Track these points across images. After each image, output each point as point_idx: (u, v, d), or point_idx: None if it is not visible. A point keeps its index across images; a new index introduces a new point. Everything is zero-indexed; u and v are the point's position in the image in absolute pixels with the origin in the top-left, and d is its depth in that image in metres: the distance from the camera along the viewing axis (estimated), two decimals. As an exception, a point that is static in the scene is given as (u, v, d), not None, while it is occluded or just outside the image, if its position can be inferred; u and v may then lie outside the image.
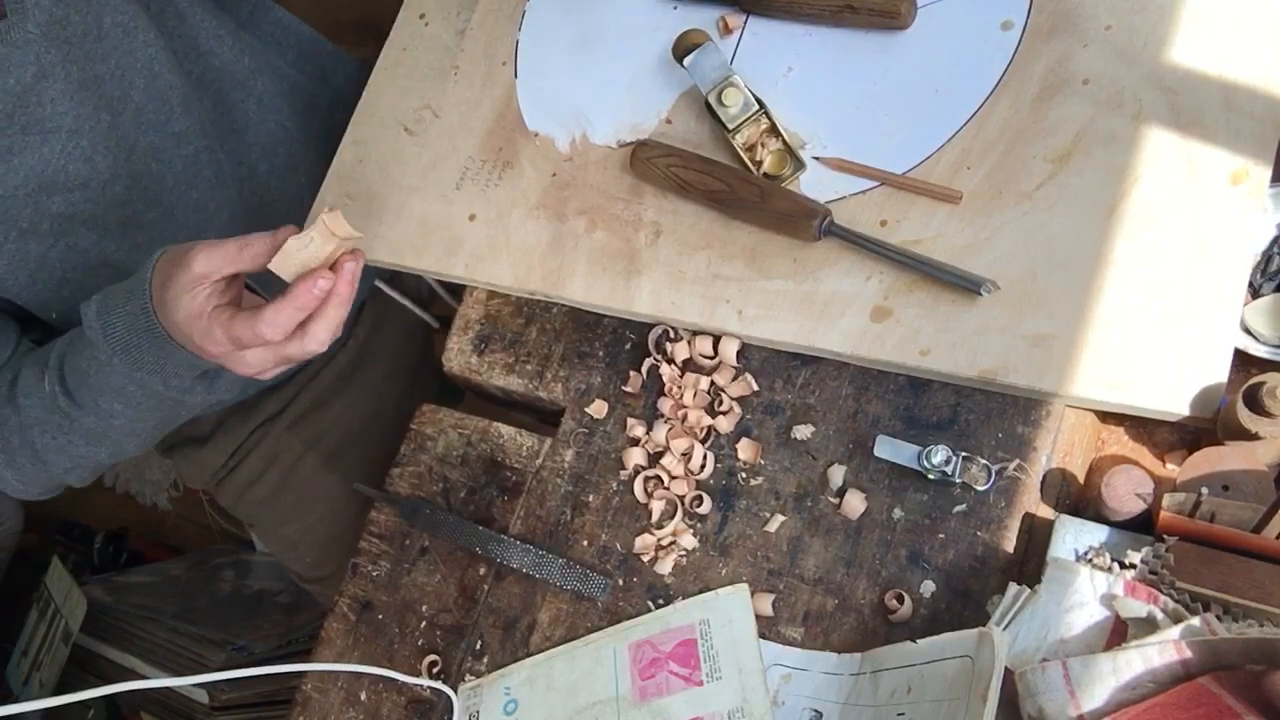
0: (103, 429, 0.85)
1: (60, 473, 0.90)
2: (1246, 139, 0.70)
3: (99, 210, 0.89)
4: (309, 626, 1.77)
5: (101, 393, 0.82)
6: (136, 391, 0.82)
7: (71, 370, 0.83)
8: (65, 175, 0.85)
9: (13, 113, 0.79)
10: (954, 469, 0.71)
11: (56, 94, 0.82)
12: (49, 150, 0.83)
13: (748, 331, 0.81)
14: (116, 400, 0.83)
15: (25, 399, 0.86)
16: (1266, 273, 0.71)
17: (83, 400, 0.84)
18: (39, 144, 0.82)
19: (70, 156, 0.84)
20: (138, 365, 0.79)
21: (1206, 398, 0.66)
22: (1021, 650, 0.63)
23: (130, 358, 0.79)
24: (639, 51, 0.92)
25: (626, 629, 0.80)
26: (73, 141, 0.84)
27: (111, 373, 0.80)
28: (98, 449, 0.88)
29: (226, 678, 0.77)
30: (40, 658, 1.85)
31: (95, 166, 0.86)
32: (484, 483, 0.90)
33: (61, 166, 0.84)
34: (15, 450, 0.88)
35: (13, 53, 0.78)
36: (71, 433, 0.86)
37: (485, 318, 0.94)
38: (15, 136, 0.81)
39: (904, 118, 0.81)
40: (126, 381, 0.81)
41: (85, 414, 0.84)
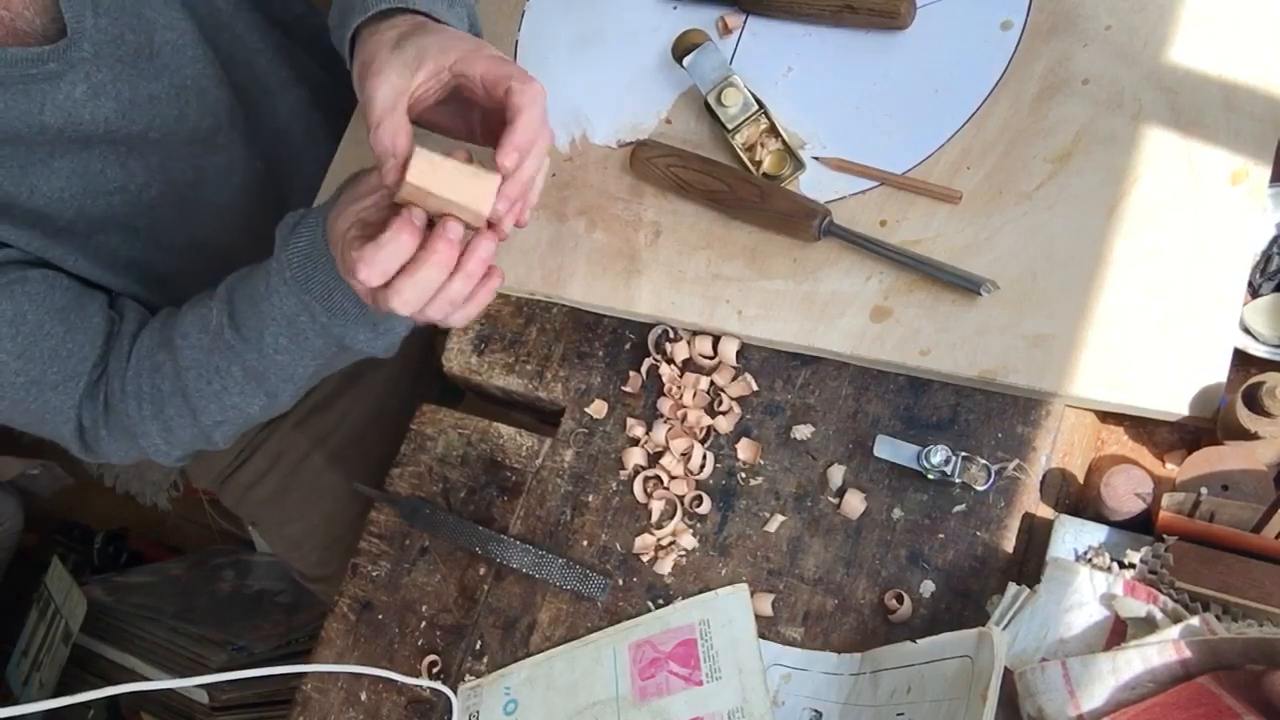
0: (263, 368, 0.81)
1: (209, 425, 0.86)
2: (1246, 139, 0.70)
3: (133, 213, 0.90)
4: (309, 626, 1.77)
5: (270, 322, 0.79)
6: (307, 322, 0.78)
7: (243, 298, 0.80)
8: (105, 179, 0.86)
9: (63, 127, 0.80)
10: (954, 469, 0.71)
11: (109, 113, 0.82)
12: (89, 155, 0.84)
13: (748, 331, 0.81)
14: (283, 333, 0.79)
15: (183, 340, 0.83)
16: (1266, 272, 0.71)
17: (248, 332, 0.80)
18: (80, 149, 0.83)
19: (108, 161, 0.85)
20: (307, 289, 0.76)
21: (1206, 398, 0.66)
22: (1021, 650, 0.63)
23: (303, 277, 0.76)
24: (639, 51, 0.92)
25: (626, 629, 0.80)
26: (111, 149, 0.85)
27: (285, 296, 0.77)
28: (253, 396, 0.84)
29: (226, 678, 0.77)
30: (40, 658, 1.85)
31: (129, 171, 0.87)
32: (484, 483, 0.90)
33: (100, 171, 0.85)
34: (165, 398, 0.84)
35: (66, 71, 0.79)
36: (229, 375, 0.82)
37: (485, 318, 0.94)
38: (60, 144, 0.82)
39: (904, 118, 0.81)
40: (298, 309, 0.77)
41: (249, 349, 0.80)
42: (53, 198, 0.83)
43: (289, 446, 1.18)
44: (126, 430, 0.87)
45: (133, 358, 0.86)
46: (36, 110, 0.78)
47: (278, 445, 1.18)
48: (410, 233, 0.65)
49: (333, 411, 1.19)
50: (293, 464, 1.18)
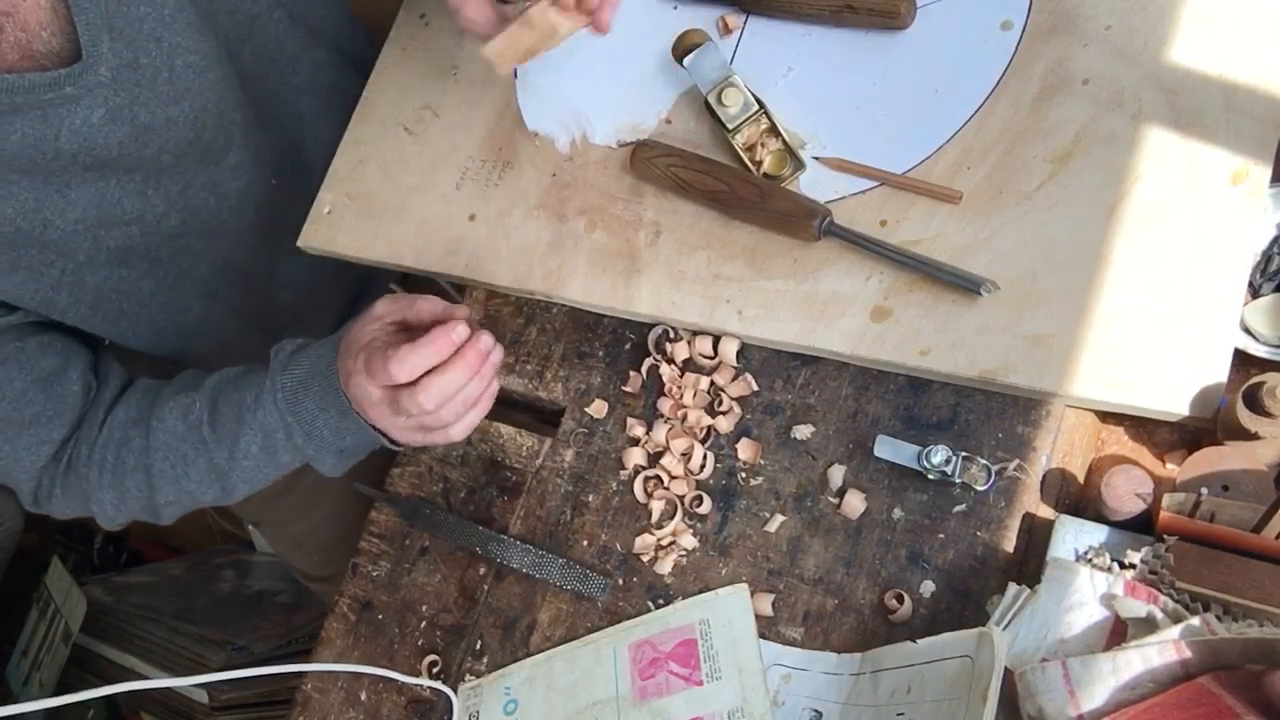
0: (228, 468, 0.86)
1: (161, 503, 0.89)
2: (1246, 139, 0.70)
3: (154, 243, 0.90)
4: (309, 626, 1.77)
5: (248, 430, 0.83)
6: (282, 440, 0.83)
7: (228, 401, 0.85)
8: (121, 210, 0.85)
9: (77, 152, 0.79)
10: (954, 469, 0.71)
11: (125, 137, 0.82)
12: (105, 185, 0.83)
13: (748, 331, 0.81)
14: (257, 442, 0.84)
15: (159, 423, 0.86)
16: (1266, 273, 0.71)
17: (224, 434, 0.84)
18: (96, 179, 0.83)
19: (126, 191, 0.85)
20: (294, 412, 0.81)
21: (1206, 398, 0.66)
22: (1021, 650, 0.63)
23: (293, 400, 0.81)
24: (639, 51, 0.92)
25: (626, 629, 0.80)
26: (128, 177, 0.85)
27: (270, 413, 0.82)
28: (209, 488, 0.88)
29: (226, 678, 0.77)
30: (40, 658, 1.85)
31: (149, 201, 0.87)
32: (484, 483, 0.90)
33: (117, 201, 0.85)
34: (128, 472, 0.87)
35: (83, 95, 0.78)
36: (194, 465, 0.86)
37: (485, 318, 0.94)
38: (76, 173, 0.81)
39: (904, 118, 0.81)
40: (277, 426, 0.82)
41: (221, 448, 0.85)
42: (67, 230, 0.83)
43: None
44: (81, 493, 0.90)
45: (105, 427, 0.89)
46: (52, 136, 0.77)
47: None
48: (445, 340, 0.73)
49: None
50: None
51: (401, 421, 0.77)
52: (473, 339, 0.74)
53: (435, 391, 0.73)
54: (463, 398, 0.75)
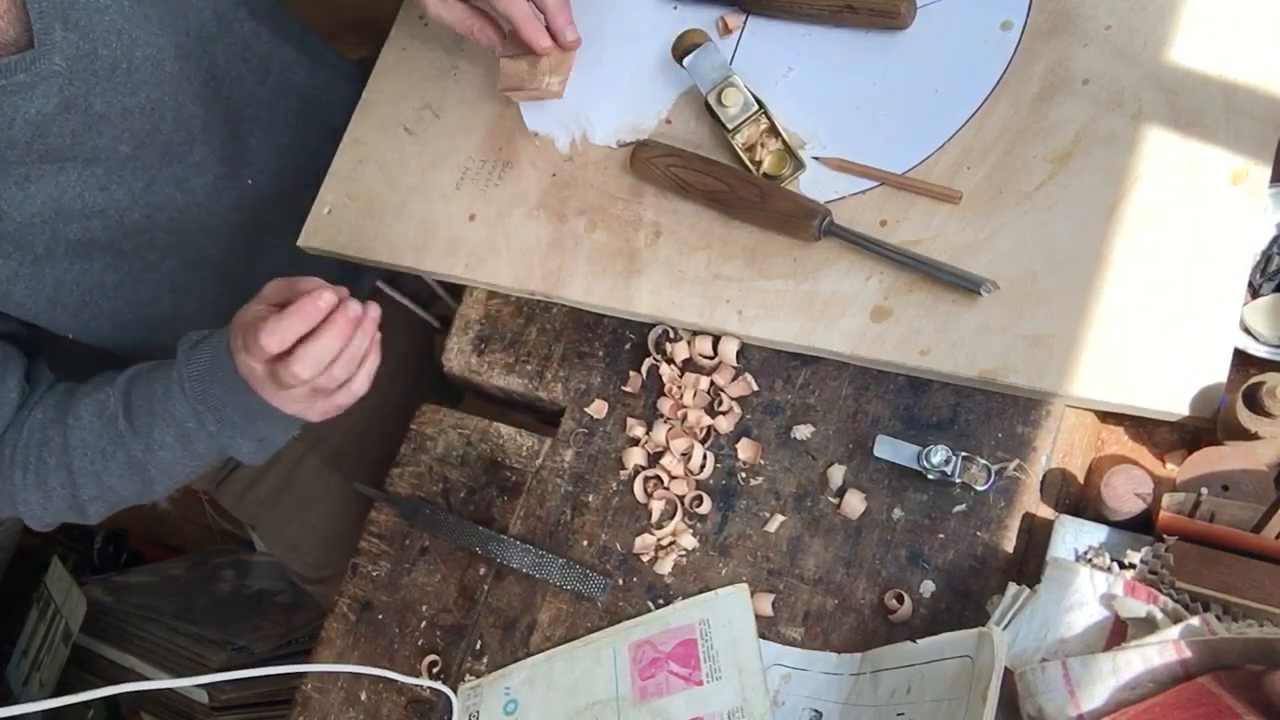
0: (145, 460, 0.87)
1: (84, 500, 0.90)
2: (1246, 139, 0.70)
3: (116, 236, 0.90)
4: (309, 626, 1.77)
5: (161, 421, 0.84)
6: (195, 429, 0.84)
7: (140, 394, 0.86)
8: (82, 203, 0.86)
9: (32, 141, 0.80)
10: (954, 469, 0.71)
11: (78, 126, 0.82)
12: (65, 179, 0.84)
13: (748, 331, 0.81)
14: (171, 432, 0.85)
15: (76, 420, 0.87)
16: (1266, 273, 0.71)
17: (139, 426, 0.85)
18: (55, 172, 0.83)
19: (87, 185, 0.85)
20: (203, 400, 0.82)
21: (1206, 398, 0.66)
22: (1021, 650, 0.63)
23: (200, 389, 0.82)
24: (639, 51, 0.92)
25: (626, 629, 0.80)
26: (89, 170, 0.85)
27: (180, 403, 0.83)
28: (130, 482, 0.89)
29: (226, 678, 0.77)
30: (40, 658, 1.85)
31: (112, 195, 0.87)
32: (484, 483, 0.90)
33: (78, 195, 0.85)
34: (50, 471, 0.88)
35: (37, 83, 0.78)
36: (112, 459, 0.87)
37: (485, 318, 0.94)
38: (33, 165, 0.81)
39: (904, 118, 0.81)
40: (188, 416, 0.83)
41: (137, 441, 0.86)
42: (23, 223, 0.83)
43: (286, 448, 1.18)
44: (8, 495, 0.90)
45: (25, 429, 0.89)
46: (6, 124, 0.78)
47: None
48: (311, 307, 0.73)
49: None
50: (290, 465, 1.18)
51: (292, 394, 0.78)
52: (341, 305, 0.74)
53: (309, 358, 0.74)
54: (348, 357, 0.76)
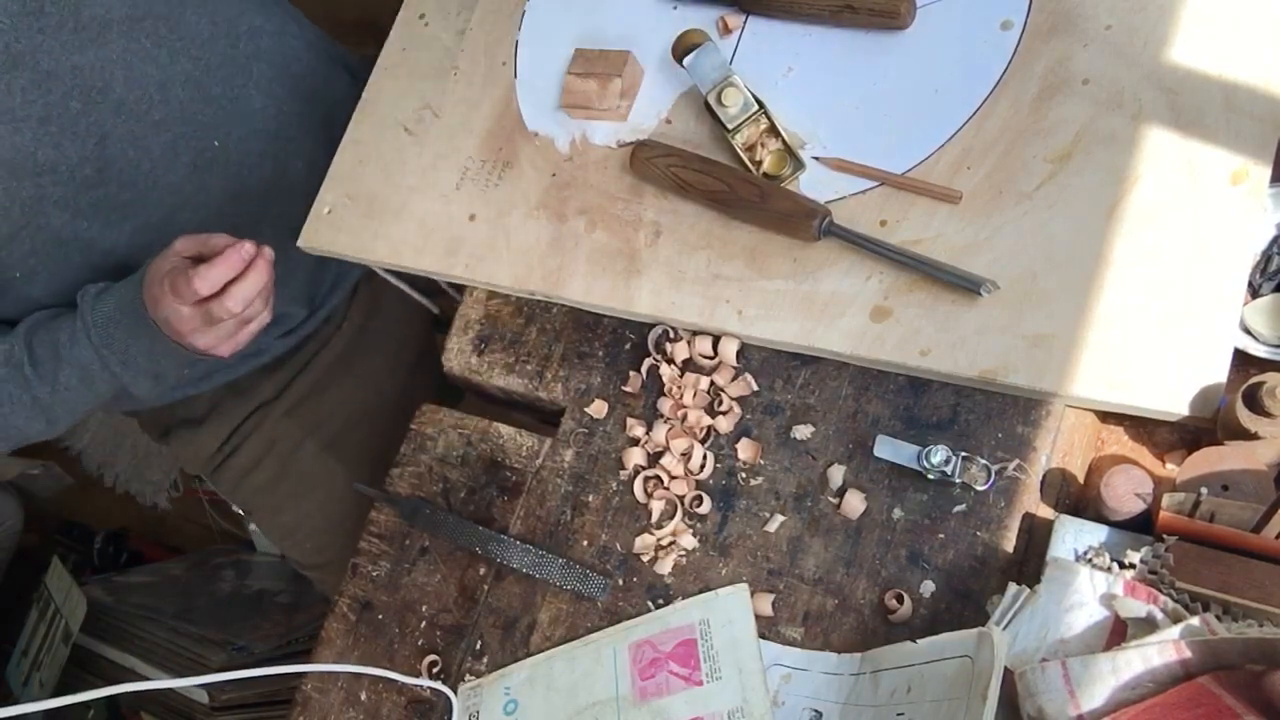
0: (50, 402, 0.93)
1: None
2: (1246, 139, 0.70)
3: (69, 192, 0.91)
4: (309, 626, 1.77)
5: (65, 365, 0.92)
6: (98, 371, 0.92)
7: (42, 342, 0.92)
8: (34, 161, 0.87)
9: None
10: (954, 469, 0.71)
11: (26, 83, 0.84)
12: (20, 139, 0.86)
13: (748, 331, 0.81)
14: (75, 375, 0.92)
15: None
16: (1266, 272, 0.71)
17: (44, 371, 0.92)
18: (10, 133, 0.85)
19: (40, 143, 0.87)
20: (108, 345, 0.90)
21: (1206, 398, 0.66)
22: (1021, 650, 0.63)
23: (105, 336, 0.90)
24: (639, 51, 0.92)
25: (626, 629, 0.80)
26: (43, 129, 0.87)
27: (84, 349, 0.91)
28: (35, 421, 0.95)
29: (226, 678, 0.77)
30: (40, 658, 1.85)
31: (64, 152, 0.89)
32: (484, 483, 0.90)
33: (30, 154, 0.87)
34: None
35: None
36: (19, 402, 0.93)
37: (485, 318, 0.94)
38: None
39: (904, 118, 0.81)
40: (92, 360, 0.91)
41: (42, 385, 0.92)
42: None
43: (282, 434, 1.18)
44: None
45: None
46: None
47: (270, 432, 1.18)
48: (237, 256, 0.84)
49: (325, 400, 1.19)
50: (286, 452, 1.18)
51: (220, 328, 0.87)
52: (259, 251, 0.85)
53: (240, 295, 0.84)
54: (266, 291, 0.87)
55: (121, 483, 2.20)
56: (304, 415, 1.19)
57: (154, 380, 0.95)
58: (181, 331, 0.87)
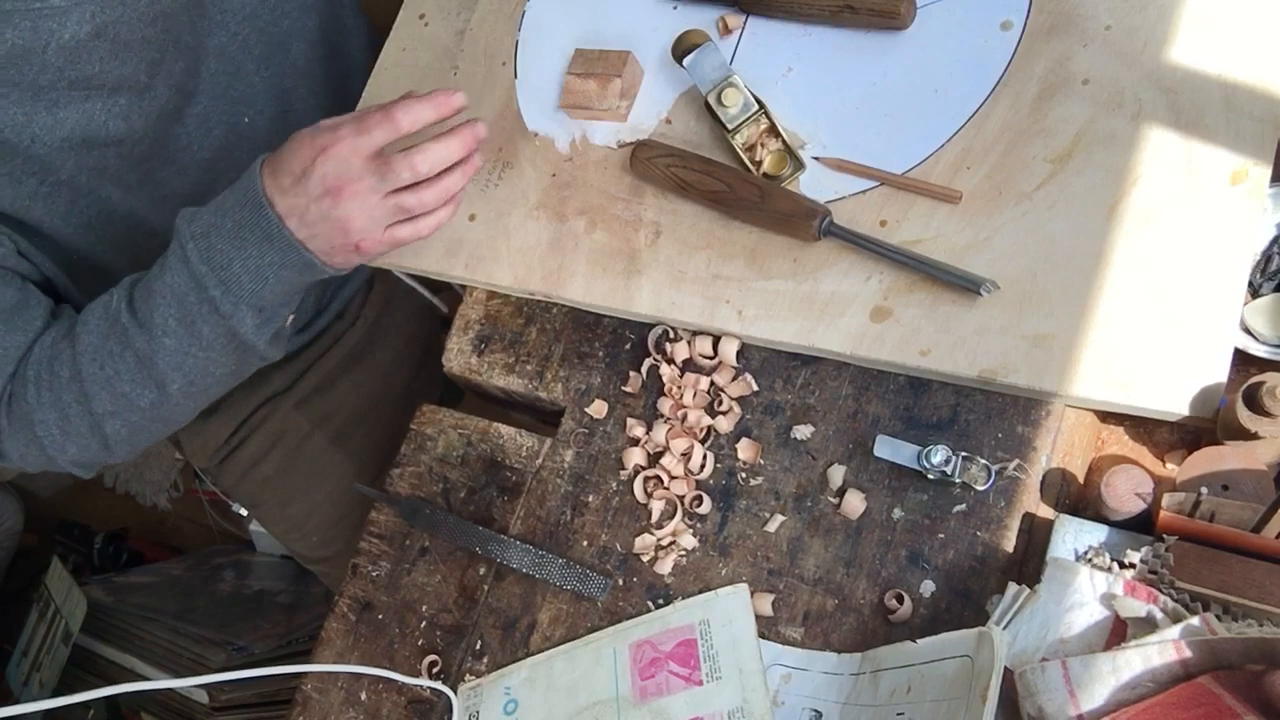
0: (151, 353, 0.83)
1: (100, 414, 0.86)
2: (1246, 139, 0.70)
3: (125, 166, 0.91)
4: (309, 626, 1.77)
5: (159, 301, 0.81)
6: (194, 302, 0.81)
7: (141, 285, 0.84)
8: (105, 132, 0.87)
9: (64, 67, 0.81)
10: (954, 469, 0.71)
11: (105, 53, 0.84)
12: (91, 107, 0.85)
13: (748, 331, 0.81)
14: (172, 311, 0.81)
15: (83, 328, 0.85)
16: (1266, 272, 0.71)
17: (141, 313, 0.83)
18: (82, 99, 0.84)
19: (111, 114, 0.87)
20: (207, 257, 0.79)
21: (1206, 397, 0.66)
22: (1021, 650, 0.63)
23: (204, 246, 0.79)
24: (639, 51, 0.92)
25: (626, 629, 0.80)
26: (113, 99, 0.87)
27: (177, 272, 0.80)
28: (143, 387, 0.85)
29: (226, 678, 0.77)
30: (40, 658, 1.85)
31: (131, 125, 0.89)
32: (484, 483, 0.90)
33: (103, 123, 0.86)
34: (63, 384, 0.85)
35: (71, 9, 0.80)
36: (121, 360, 0.84)
37: (485, 318, 0.94)
38: (63, 91, 0.83)
39: (904, 118, 0.81)
40: (189, 286, 0.80)
41: (140, 332, 0.83)
42: (53, 147, 0.84)
43: (290, 426, 1.18)
44: (25, 419, 0.87)
45: (37, 348, 0.87)
46: (40, 48, 0.79)
47: (279, 425, 1.18)
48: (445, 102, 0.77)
49: (335, 392, 1.20)
50: (295, 444, 1.19)
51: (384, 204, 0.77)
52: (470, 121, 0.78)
53: (432, 155, 0.76)
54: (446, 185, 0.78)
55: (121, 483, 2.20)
56: (313, 408, 1.19)
57: (259, 319, 0.83)
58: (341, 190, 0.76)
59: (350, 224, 0.78)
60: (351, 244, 0.80)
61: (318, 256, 0.80)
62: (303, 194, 0.77)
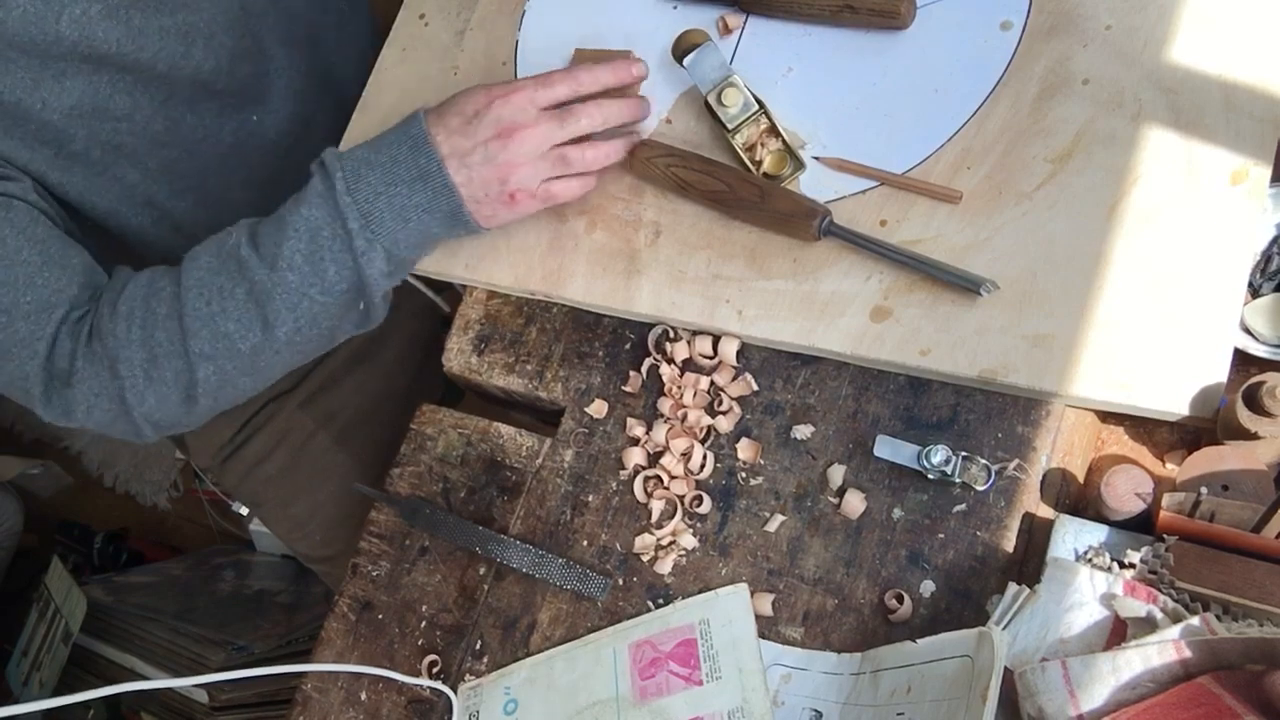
0: (269, 287, 0.80)
1: (194, 356, 0.81)
2: (1246, 139, 0.70)
3: (141, 145, 0.92)
4: (309, 626, 1.77)
5: (291, 233, 0.79)
6: (329, 239, 0.79)
7: (269, 220, 0.82)
8: (112, 104, 0.88)
9: (77, 41, 0.82)
10: (954, 469, 0.71)
11: (120, 35, 0.85)
12: (99, 80, 0.86)
13: (748, 331, 0.81)
14: (302, 247, 0.79)
15: (191, 262, 0.83)
16: (1266, 272, 0.71)
17: (265, 247, 0.80)
18: (90, 71, 0.85)
19: (116, 89, 0.88)
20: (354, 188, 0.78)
21: (1206, 397, 0.66)
22: (1021, 650, 0.63)
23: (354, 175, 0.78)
24: (639, 51, 0.92)
25: (626, 629, 0.80)
26: (120, 76, 0.87)
27: (319, 204, 0.79)
28: (249, 326, 0.81)
29: (226, 678, 0.77)
30: (40, 658, 1.85)
31: (137, 101, 0.90)
32: (484, 483, 0.90)
33: (109, 96, 0.87)
34: (159, 322, 0.81)
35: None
36: (231, 296, 0.80)
37: (485, 318, 0.94)
38: (73, 63, 0.84)
39: (904, 118, 0.81)
40: (327, 219, 0.78)
41: (261, 265, 0.80)
42: (65, 113, 0.85)
43: (294, 425, 1.18)
44: (107, 359, 0.82)
45: (131, 284, 0.84)
46: (53, 19, 0.81)
47: (283, 424, 1.18)
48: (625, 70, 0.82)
49: (339, 391, 1.20)
50: (299, 442, 1.19)
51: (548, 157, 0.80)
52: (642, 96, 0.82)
53: (608, 109, 0.80)
54: (609, 149, 0.82)
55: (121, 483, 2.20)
56: (318, 407, 1.19)
57: (389, 264, 0.81)
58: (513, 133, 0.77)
59: (513, 170, 0.79)
60: (507, 192, 0.79)
61: (466, 204, 0.80)
62: (471, 135, 0.78)
